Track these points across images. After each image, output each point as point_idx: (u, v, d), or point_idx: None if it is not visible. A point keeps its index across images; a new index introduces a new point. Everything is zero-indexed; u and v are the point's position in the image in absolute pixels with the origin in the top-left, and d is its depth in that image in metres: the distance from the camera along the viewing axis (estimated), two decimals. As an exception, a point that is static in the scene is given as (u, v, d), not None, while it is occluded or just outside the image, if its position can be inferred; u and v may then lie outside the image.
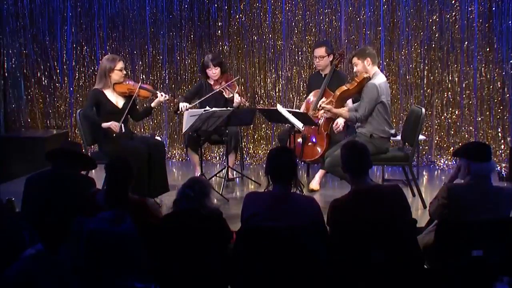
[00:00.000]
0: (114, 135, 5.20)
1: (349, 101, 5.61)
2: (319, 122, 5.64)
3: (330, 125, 5.69)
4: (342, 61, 6.10)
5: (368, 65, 5.13)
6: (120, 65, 5.28)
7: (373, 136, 5.13)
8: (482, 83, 6.62)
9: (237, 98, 5.91)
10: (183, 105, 5.82)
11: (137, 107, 5.62)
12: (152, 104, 5.45)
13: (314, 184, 5.80)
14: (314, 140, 5.73)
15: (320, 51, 5.89)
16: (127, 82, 5.38)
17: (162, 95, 5.40)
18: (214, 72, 5.98)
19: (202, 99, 5.78)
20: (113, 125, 5.18)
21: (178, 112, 5.90)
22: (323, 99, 5.63)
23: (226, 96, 5.95)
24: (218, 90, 5.87)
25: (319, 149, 5.66)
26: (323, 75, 5.91)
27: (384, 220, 3.24)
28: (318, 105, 5.36)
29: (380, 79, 5.15)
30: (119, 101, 5.30)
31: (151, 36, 7.30)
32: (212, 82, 6.05)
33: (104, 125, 5.20)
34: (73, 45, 7.44)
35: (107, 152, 5.17)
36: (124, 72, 5.37)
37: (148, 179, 5.17)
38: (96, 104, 5.30)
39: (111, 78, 5.27)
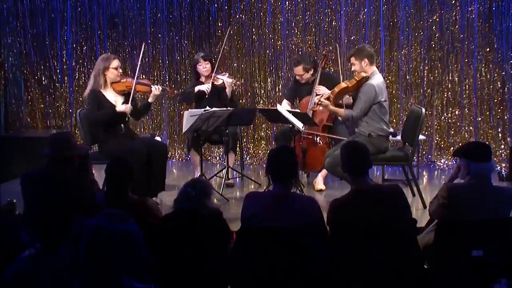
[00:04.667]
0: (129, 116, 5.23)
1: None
2: (317, 139, 5.69)
3: (327, 117, 5.73)
4: (328, 62, 6.03)
5: (365, 66, 5.13)
6: (115, 63, 5.23)
7: (371, 135, 5.13)
8: (482, 83, 6.62)
9: (227, 82, 5.85)
10: (206, 86, 5.84)
11: (138, 105, 5.57)
12: (149, 100, 5.40)
13: (320, 184, 5.80)
14: (318, 140, 5.74)
15: (298, 70, 5.85)
16: (124, 80, 5.34)
17: (156, 88, 5.35)
18: (204, 67, 5.95)
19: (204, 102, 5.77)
20: (127, 108, 5.18)
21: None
22: (318, 96, 5.56)
23: (216, 84, 5.90)
24: (210, 82, 5.85)
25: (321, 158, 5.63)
26: (309, 81, 5.90)
27: (384, 220, 3.24)
28: (317, 100, 5.33)
29: (378, 79, 5.15)
30: (118, 100, 5.26)
31: (151, 36, 7.30)
32: (203, 80, 6.03)
33: (119, 109, 5.17)
34: (73, 45, 7.44)
35: (107, 152, 5.17)
36: (120, 71, 5.29)
37: (146, 180, 5.17)
38: (97, 104, 5.29)
39: (107, 77, 5.23)
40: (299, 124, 5.32)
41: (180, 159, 7.39)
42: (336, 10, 6.88)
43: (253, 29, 7.09)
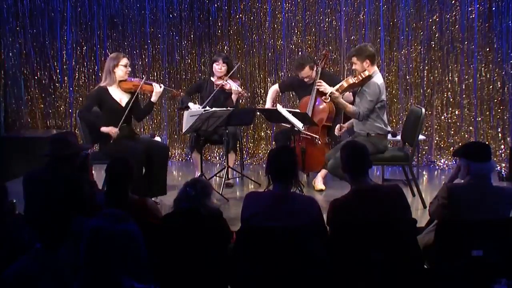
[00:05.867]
0: (112, 140, 5.22)
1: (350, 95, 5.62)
2: (316, 140, 5.68)
3: (327, 117, 5.73)
4: (327, 61, 6.00)
5: (367, 66, 5.13)
6: (124, 61, 5.29)
7: (370, 134, 5.14)
8: (482, 83, 6.63)
9: (235, 90, 5.84)
10: (193, 106, 5.85)
11: (141, 105, 5.57)
12: (152, 99, 5.41)
13: (320, 184, 5.80)
14: (317, 140, 5.73)
15: (305, 72, 5.80)
16: (132, 80, 5.39)
17: (158, 86, 5.36)
18: (220, 68, 5.97)
19: (208, 99, 5.75)
20: (113, 130, 5.18)
21: (184, 108, 5.90)
22: (330, 89, 5.48)
23: (226, 88, 5.90)
24: (220, 84, 5.86)
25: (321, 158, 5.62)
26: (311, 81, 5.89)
27: (384, 220, 3.24)
28: (329, 92, 5.29)
29: (380, 78, 5.17)
30: (123, 99, 5.29)
31: (151, 36, 7.30)
32: (215, 79, 6.03)
33: (103, 129, 5.21)
34: (73, 45, 7.44)
35: (107, 152, 5.17)
36: (129, 69, 5.35)
37: (146, 180, 5.17)
38: (99, 102, 5.30)
39: (115, 74, 5.26)
40: (299, 124, 5.32)
41: (180, 159, 7.39)
42: (336, 10, 6.89)
43: (253, 29, 7.09)
